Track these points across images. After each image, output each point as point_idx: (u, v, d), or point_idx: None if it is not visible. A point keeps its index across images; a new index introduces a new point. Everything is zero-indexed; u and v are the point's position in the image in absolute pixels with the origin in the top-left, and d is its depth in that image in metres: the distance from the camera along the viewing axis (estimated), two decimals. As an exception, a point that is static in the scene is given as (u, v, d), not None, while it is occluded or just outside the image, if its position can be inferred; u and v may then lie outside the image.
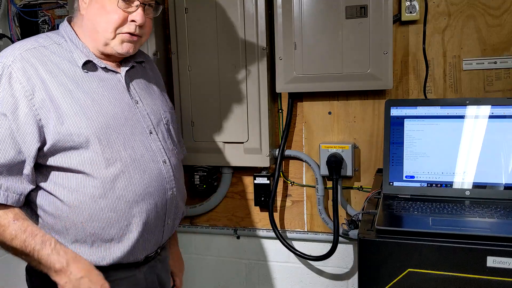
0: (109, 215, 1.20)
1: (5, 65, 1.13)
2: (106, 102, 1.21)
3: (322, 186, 1.82)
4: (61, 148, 1.16)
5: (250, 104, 1.76)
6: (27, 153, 1.14)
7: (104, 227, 1.20)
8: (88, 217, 1.19)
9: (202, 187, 1.90)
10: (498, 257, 1.05)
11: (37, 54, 1.17)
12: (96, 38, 1.22)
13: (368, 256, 1.14)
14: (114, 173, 1.19)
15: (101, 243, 1.21)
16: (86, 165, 1.17)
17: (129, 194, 1.22)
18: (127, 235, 1.23)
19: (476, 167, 1.37)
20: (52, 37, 1.23)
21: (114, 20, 1.20)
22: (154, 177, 1.26)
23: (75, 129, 1.15)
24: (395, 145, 1.45)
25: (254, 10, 1.70)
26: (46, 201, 1.19)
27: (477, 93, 1.65)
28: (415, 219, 1.22)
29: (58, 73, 1.17)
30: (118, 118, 1.22)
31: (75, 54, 1.22)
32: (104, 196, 1.19)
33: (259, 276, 2.01)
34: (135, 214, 1.23)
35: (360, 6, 1.60)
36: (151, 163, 1.26)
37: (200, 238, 2.06)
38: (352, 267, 1.88)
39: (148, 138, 1.27)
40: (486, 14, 1.60)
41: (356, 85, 1.67)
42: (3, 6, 2.07)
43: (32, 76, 1.14)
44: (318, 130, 1.83)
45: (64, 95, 1.16)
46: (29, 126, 1.13)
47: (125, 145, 1.22)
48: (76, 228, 1.19)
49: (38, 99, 1.13)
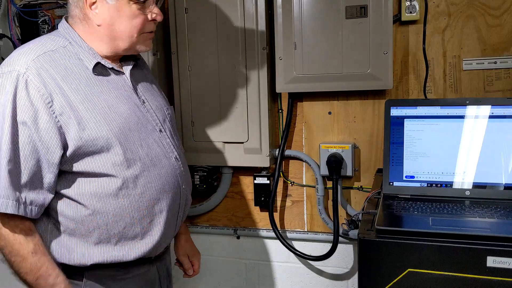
0: (133, 214, 1.22)
1: (20, 73, 1.10)
2: (120, 103, 1.21)
3: (322, 186, 1.82)
4: (83, 153, 1.15)
5: (250, 104, 1.76)
6: (50, 162, 1.12)
7: (128, 226, 1.22)
8: (113, 218, 1.20)
9: (202, 187, 1.90)
10: (498, 257, 1.05)
11: (49, 60, 1.15)
12: (115, 45, 1.21)
13: (368, 256, 1.14)
14: (135, 173, 1.21)
15: (125, 241, 1.22)
16: (109, 168, 1.17)
17: (150, 192, 1.24)
18: (150, 231, 1.26)
19: (476, 167, 1.37)
20: (55, 40, 1.20)
21: (137, 24, 1.21)
22: (170, 174, 1.29)
23: (97, 133, 1.15)
24: (395, 145, 1.45)
25: (254, 10, 1.70)
26: (67, 207, 1.18)
27: (477, 93, 1.65)
28: (415, 219, 1.22)
29: (71, 78, 1.16)
30: (132, 119, 1.22)
31: (83, 56, 1.20)
32: (127, 196, 1.20)
33: (259, 276, 2.01)
34: (157, 211, 1.26)
35: (360, 6, 1.60)
36: (166, 160, 1.29)
37: (200, 238, 2.06)
38: (352, 267, 1.88)
39: (159, 136, 1.29)
40: (486, 14, 1.60)
41: (356, 85, 1.67)
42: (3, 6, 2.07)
43: (48, 82, 1.12)
44: (318, 130, 1.83)
45: (81, 100, 1.15)
46: (51, 134, 1.11)
47: (142, 145, 1.23)
48: (100, 230, 1.19)
49: (57, 105, 1.11)
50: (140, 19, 1.21)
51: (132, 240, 1.23)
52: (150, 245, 1.26)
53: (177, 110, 1.86)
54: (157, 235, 1.27)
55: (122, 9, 1.18)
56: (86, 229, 1.19)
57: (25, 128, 1.09)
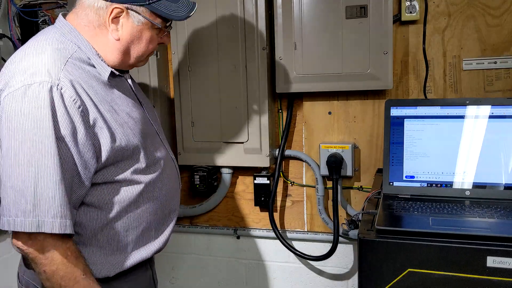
0: (150, 217, 1.23)
1: (53, 84, 1.03)
2: (133, 109, 1.21)
3: (322, 186, 1.82)
4: (111, 163, 1.12)
5: (250, 104, 1.76)
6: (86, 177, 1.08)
7: (145, 229, 1.22)
8: (132, 223, 1.19)
9: (202, 187, 1.90)
10: (498, 257, 1.05)
11: (75, 68, 1.09)
12: (123, 59, 1.18)
13: (368, 256, 1.14)
14: (154, 177, 1.22)
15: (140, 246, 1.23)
16: (133, 175, 1.17)
17: (164, 194, 1.26)
18: (163, 231, 1.28)
19: (476, 167, 1.37)
20: (65, 44, 1.13)
21: (151, 48, 1.21)
22: (174, 175, 1.32)
23: (126, 142, 1.13)
24: (395, 145, 1.45)
25: (254, 10, 1.70)
26: (88, 217, 1.14)
27: (477, 93, 1.65)
28: (415, 219, 1.22)
29: (94, 86, 1.11)
30: (144, 124, 1.23)
31: (95, 63, 1.15)
32: (146, 200, 1.21)
33: (259, 276, 2.01)
34: (169, 211, 1.29)
35: (360, 6, 1.60)
36: (170, 162, 1.31)
37: (200, 238, 2.06)
38: (352, 267, 1.88)
39: (160, 137, 1.31)
40: (486, 14, 1.60)
41: (356, 85, 1.67)
42: (3, 6, 2.07)
43: (81, 93, 1.07)
44: (318, 130, 1.83)
45: (107, 109, 1.12)
46: (88, 147, 1.07)
47: (155, 148, 1.24)
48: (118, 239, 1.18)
49: (91, 117, 1.07)
50: (155, 43, 1.22)
51: (147, 243, 1.24)
52: (161, 244, 1.28)
53: (177, 110, 1.86)
54: (167, 233, 1.29)
55: (144, 32, 1.16)
56: (104, 238, 1.16)
57: (66, 143, 1.03)
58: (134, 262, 1.21)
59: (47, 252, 1.04)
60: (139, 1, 1.11)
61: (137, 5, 1.12)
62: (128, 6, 1.11)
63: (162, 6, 1.14)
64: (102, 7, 1.11)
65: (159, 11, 1.14)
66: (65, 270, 1.05)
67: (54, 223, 1.01)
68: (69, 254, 1.06)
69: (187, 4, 1.20)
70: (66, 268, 1.05)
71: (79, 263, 1.07)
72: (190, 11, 1.19)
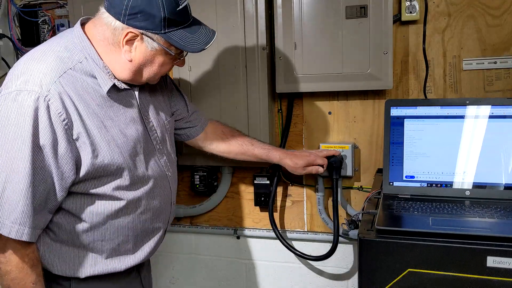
0: (128, 232, 1.24)
1: (41, 95, 1.05)
2: (129, 126, 1.20)
3: (322, 186, 1.82)
4: (92, 177, 1.14)
5: (250, 104, 1.76)
6: (62, 187, 1.10)
7: (121, 243, 1.24)
8: (109, 235, 1.21)
9: (202, 187, 1.90)
10: (498, 257, 1.05)
11: (70, 81, 1.10)
12: (134, 77, 1.19)
13: (368, 256, 1.14)
14: (139, 195, 1.23)
15: (116, 256, 1.24)
16: (114, 190, 1.18)
17: (149, 212, 1.27)
18: (142, 247, 1.29)
19: (476, 167, 1.37)
20: (72, 52, 1.14)
21: (163, 71, 1.22)
22: (165, 193, 1.32)
23: (109, 160, 1.14)
24: (395, 145, 1.45)
25: (254, 10, 1.70)
26: (66, 219, 1.18)
27: (477, 93, 1.65)
28: (415, 219, 1.22)
29: (88, 101, 1.12)
30: (139, 142, 1.22)
31: (98, 75, 1.15)
32: (127, 216, 1.22)
33: (259, 276, 2.01)
34: (152, 229, 1.30)
35: (360, 6, 1.60)
36: (163, 180, 1.30)
37: (200, 238, 2.06)
38: (352, 267, 1.88)
39: (157, 155, 1.30)
40: (486, 14, 1.60)
41: (356, 85, 1.67)
42: (3, 6, 2.07)
43: (68, 107, 1.08)
44: (318, 130, 1.83)
45: (96, 125, 1.13)
46: (67, 160, 1.09)
47: (146, 167, 1.24)
48: (94, 245, 1.21)
49: (75, 131, 1.09)
50: (168, 67, 1.22)
51: (123, 255, 1.25)
52: (140, 259, 1.29)
53: (177, 110, 1.86)
54: (147, 250, 1.30)
55: (156, 57, 1.17)
56: (80, 241, 1.20)
57: (44, 153, 1.06)
58: (108, 271, 1.23)
59: (6, 252, 1.08)
60: (155, 29, 1.11)
61: (153, 32, 1.11)
62: (143, 32, 1.11)
63: (177, 36, 1.13)
64: (118, 28, 1.12)
65: (174, 41, 1.13)
66: (17, 274, 1.09)
67: (12, 228, 1.05)
68: (25, 260, 1.09)
69: (206, 34, 1.18)
70: (19, 272, 1.09)
71: (33, 271, 1.11)
72: (206, 43, 1.17)
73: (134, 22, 1.09)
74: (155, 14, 1.09)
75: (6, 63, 2.08)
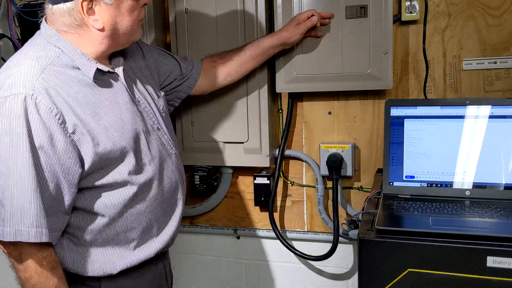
0: (150, 216, 1.23)
1: (27, 95, 1.03)
2: (122, 109, 1.19)
3: (322, 186, 1.82)
4: (99, 167, 1.13)
5: (250, 104, 1.76)
6: (70, 183, 1.09)
7: (145, 229, 1.23)
8: (131, 224, 1.20)
9: (202, 187, 1.90)
10: (498, 257, 1.05)
11: (52, 75, 1.09)
12: (115, 43, 1.17)
13: (368, 256, 1.14)
14: (149, 177, 1.22)
15: (143, 243, 1.24)
16: (124, 177, 1.17)
17: (163, 192, 1.26)
18: (165, 228, 1.29)
19: (476, 167, 1.37)
20: (47, 50, 1.13)
21: (136, 16, 1.18)
22: (174, 171, 1.31)
23: (111, 146, 1.13)
24: (395, 145, 1.45)
25: (254, 10, 1.70)
26: (84, 219, 1.16)
27: (477, 93, 1.65)
28: (415, 219, 1.22)
29: (75, 91, 1.11)
30: (135, 123, 1.21)
31: (79, 64, 1.14)
32: (143, 201, 1.21)
33: (259, 276, 2.01)
34: (170, 209, 1.30)
35: (360, 6, 1.60)
36: (168, 158, 1.30)
37: (200, 238, 2.06)
38: (352, 267, 1.88)
39: (158, 134, 1.29)
40: (486, 14, 1.60)
41: (356, 85, 1.66)
42: (3, 6, 2.07)
43: (57, 101, 1.07)
44: (318, 130, 1.83)
45: (90, 114, 1.11)
46: (68, 154, 1.07)
47: (149, 148, 1.23)
48: (119, 238, 1.20)
49: (69, 123, 1.08)
50: (137, 10, 1.18)
51: (149, 240, 1.25)
52: (166, 241, 1.29)
53: (177, 110, 1.85)
54: (172, 230, 1.30)
55: (121, 6, 1.14)
56: (104, 238, 1.18)
57: (43, 152, 1.05)
58: (138, 261, 1.22)
59: (23, 259, 1.07)
60: None
61: None
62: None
63: None
64: (72, 8, 1.10)
65: None
66: (37, 279, 1.07)
67: (30, 232, 1.04)
68: (44, 264, 1.08)
69: None
70: (39, 277, 1.07)
71: (54, 274, 1.09)
72: None
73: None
74: None
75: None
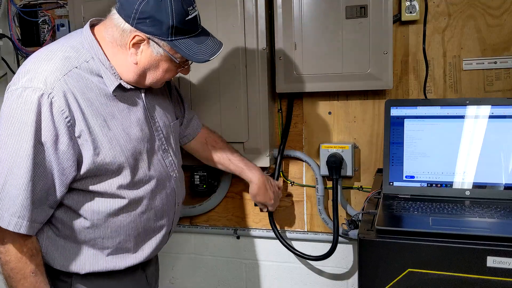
0: (129, 231, 1.24)
1: (45, 92, 1.07)
2: (133, 125, 1.22)
3: (322, 186, 1.82)
4: (93, 175, 1.16)
5: (250, 104, 1.76)
6: (62, 183, 1.12)
7: (122, 241, 1.24)
8: (109, 233, 1.22)
9: (202, 187, 1.90)
10: (498, 257, 1.05)
11: (75, 80, 1.12)
12: (139, 79, 1.20)
13: (368, 256, 1.14)
14: (141, 194, 1.23)
15: (117, 253, 1.25)
16: (116, 189, 1.19)
17: (150, 212, 1.27)
18: (143, 246, 1.29)
19: (476, 167, 1.37)
20: (79, 52, 1.16)
21: (167, 77, 1.23)
22: (170, 194, 1.32)
23: (110, 159, 1.15)
24: (395, 145, 1.45)
25: (254, 10, 1.70)
26: (68, 215, 1.20)
27: (477, 93, 1.65)
28: (415, 219, 1.22)
29: (92, 100, 1.14)
30: (143, 141, 1.23)
31: (104, 75, 1.17)
32: (128, 215, 1.22)
33: (259, 276, 2.01)
34: (154, 229, 1.30)
35: (360, 6, 1.60)
36: (167, 181, 1.31)
37: (199, 238, 2.06)
38: (352, 267, 1.87)
39: (162, 156, 1.31)
40: (486, 14, 1.60)
41: (356, 85, 1.67)
42: (3, 6, 2.07)
43: (72, 105, 1.10)
44: (318, 130, 1.83)
45: (99, 124, 1.14)
46: (68, 156, 1.11)
47: (149, 167, 1.25)
48: (95, 242, 1.22)
49: (78, 129, 1.11)
50: (172, 74, 1.23)
51: (124, 253, 1.26)
52: (141, 259, 1.29)
53: (177, 110, 1.86)
54: (148, 250, 1.30)
55: (161, 63, 1.18)
56: (81, 238, 1.21)
57: (45, 149, 1.08)
58: (108, 268, 1.24)
59: (5, 243, 1.11)
60: (162, 36, 1.12)
61: (159, 38, 1.13)
62: (150, 37, 1.13)
63: (183, 45, 1.14)
64: (126, 31, 1.14)
65: (179, 49, 1.14)
66: (16, 263, 1.12)
67: (10, 221, 1.08)
68: (24, 251, 1.12)
69: (213, 45, 1.19)
70: (18, 262, 1.12)
71: (32, 261, 1.13)
72: (211, 55, 1.17)
73: (142, 27, 1.12)
74: (163, 21, 1.10)
75: (6, 63, 2.08)
